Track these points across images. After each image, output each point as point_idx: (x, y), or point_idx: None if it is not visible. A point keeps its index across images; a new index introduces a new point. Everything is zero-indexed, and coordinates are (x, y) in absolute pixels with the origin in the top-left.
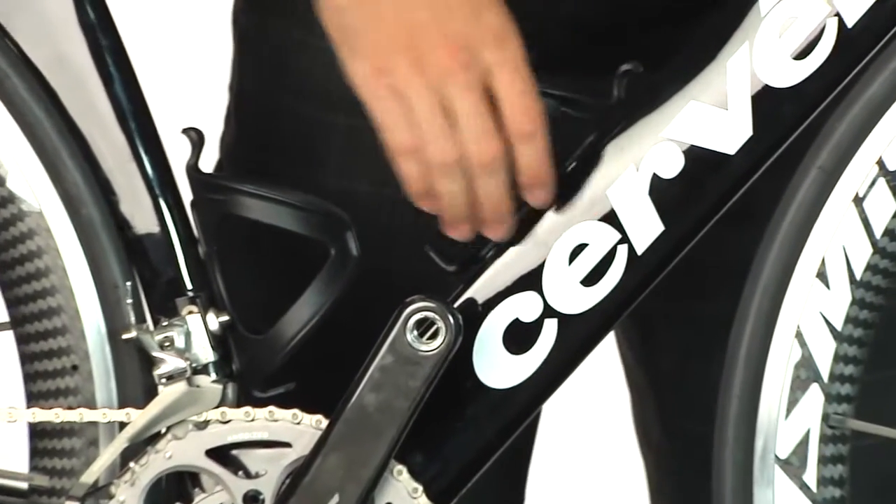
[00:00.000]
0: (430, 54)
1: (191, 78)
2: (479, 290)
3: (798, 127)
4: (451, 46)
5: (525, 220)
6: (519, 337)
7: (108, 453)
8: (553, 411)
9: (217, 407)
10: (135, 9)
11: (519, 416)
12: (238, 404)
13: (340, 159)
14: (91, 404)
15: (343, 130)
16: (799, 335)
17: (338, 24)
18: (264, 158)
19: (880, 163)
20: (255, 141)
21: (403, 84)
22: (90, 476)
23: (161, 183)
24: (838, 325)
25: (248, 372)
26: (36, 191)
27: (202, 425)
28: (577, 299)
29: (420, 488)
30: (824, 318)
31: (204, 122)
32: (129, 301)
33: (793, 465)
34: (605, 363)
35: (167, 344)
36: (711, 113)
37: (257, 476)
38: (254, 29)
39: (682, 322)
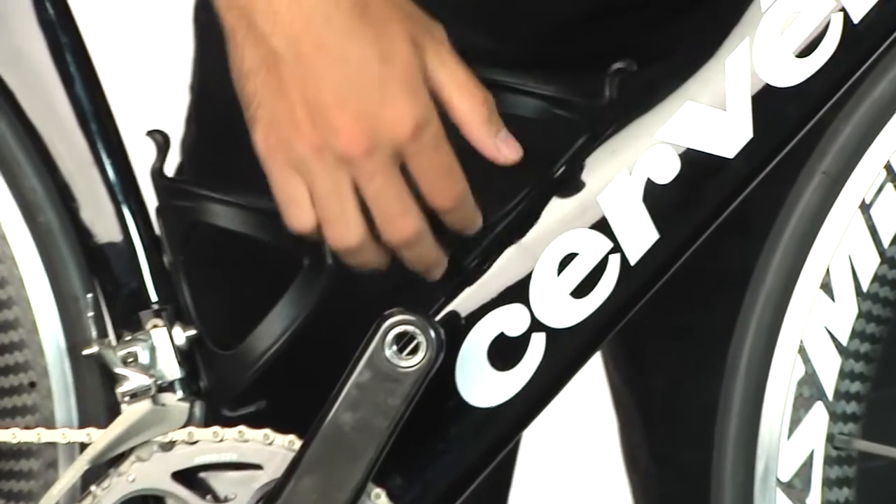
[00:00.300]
0: (332, 138)
1: (154, 77)
2: (463, 302)
3: (801, 129)
4: (353, 133)
5: (510, 226)
6: (504, 352)
7: (68, 476)
8: (535, 433)
9: (184, 427)
10: (96, 5)
11: (504, 436)
12: (206, 424)
13: None
14: (50, 424)
15: None
16: (802, 350)
17: (243, 89)
18: (226, 160)
19: (888, 167)
20: (217, 142)
21: (303, 162)
22: (49, 500)
23: (124, 188)
24: (844, 340)
25: (217, 390)
26: None
27: (168, 446)
28: (567, 312)
29: None
30: (829, 332)
31: (169, 123)
32: (90, 314)
33: (796, 489)
34: (590, 381)
35: (131, 360)
36: (709, 114)
37: (226, 500)
38: (215, 26)
39: (674, 337)
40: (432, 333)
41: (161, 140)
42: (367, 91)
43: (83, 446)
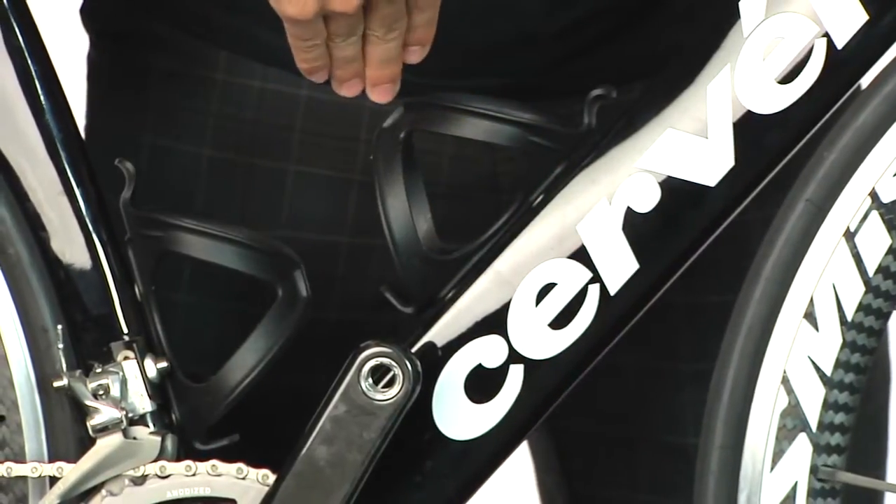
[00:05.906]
0: None
1: None
2: (439, 333)
3: (784, 157)
4: None
5: (487, 256)
6: (482, 384)
7: None
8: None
9: (155, 460)
10: (67, 32)
11: (482, 470)
12: (178, 458)
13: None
14: (20, 458)
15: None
16: (786, 381)
17: None
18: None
19: (873, 194)
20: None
21: None
22: None
23: (94, 218)
24: (828, 370)
25: (189, 422)
26: None
27: (139, 480)
28: (545, 343)
29: None
30: (813, 362)
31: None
32: (60, 346)
33: None
34: None
35: (101, 392)
36: (690, 141)
37: None
38: (105, 65)
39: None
40: (408, 365)
41: (131, 170)
42: None
43: (53, 481)
